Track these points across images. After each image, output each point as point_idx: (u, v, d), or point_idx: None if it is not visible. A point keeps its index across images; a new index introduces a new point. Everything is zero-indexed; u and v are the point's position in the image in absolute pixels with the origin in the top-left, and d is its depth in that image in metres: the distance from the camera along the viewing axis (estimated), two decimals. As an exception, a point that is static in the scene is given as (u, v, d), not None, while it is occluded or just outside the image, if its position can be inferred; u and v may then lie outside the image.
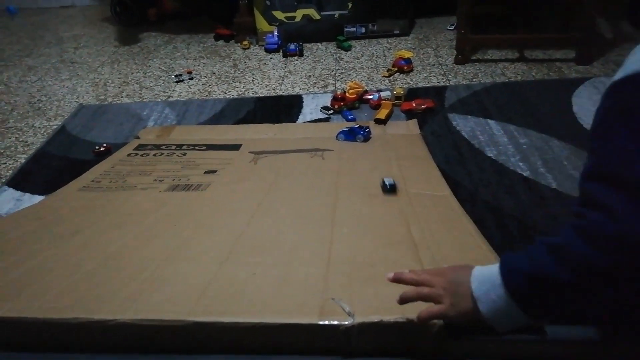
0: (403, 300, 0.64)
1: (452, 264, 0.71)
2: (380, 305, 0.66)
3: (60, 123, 1.67)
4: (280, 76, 1.93)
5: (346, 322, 0.63)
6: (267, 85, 1.86)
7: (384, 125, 1.43)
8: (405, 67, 1.85)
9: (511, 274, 0.58)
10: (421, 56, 2.00)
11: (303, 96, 1.71)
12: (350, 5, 2.18)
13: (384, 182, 1.04)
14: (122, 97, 1.86)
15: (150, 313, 0.67)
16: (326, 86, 1.80)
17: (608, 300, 0.58)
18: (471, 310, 0.60)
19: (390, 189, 1.03)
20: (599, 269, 0.51)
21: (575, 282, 0.53)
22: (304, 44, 2.15)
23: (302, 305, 0.67)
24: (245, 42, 2.25)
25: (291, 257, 0.81)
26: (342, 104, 1.57)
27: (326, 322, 0.64)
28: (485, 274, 0.60)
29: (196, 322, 0.65)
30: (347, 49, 2.13)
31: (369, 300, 0.68)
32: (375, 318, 0.63)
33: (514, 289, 0.57)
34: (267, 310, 0.67)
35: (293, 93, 1.77)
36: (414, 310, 0.63)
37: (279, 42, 2.17)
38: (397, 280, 0.67)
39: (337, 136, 1.34)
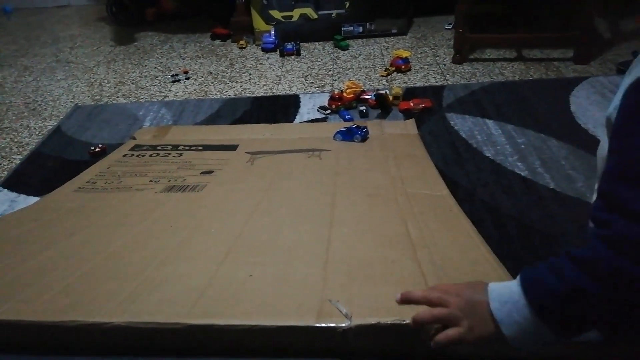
0: (417, 323, 0.60)
1: (455, 267, 0.70)
2: (378, 306, 0.66)
3: (55, 123, 1.66)
4: (277, 76, 1.92)
5: (343, 324, 0.63)
6: (264, 85, 1.85)
7: (379, 121, 1.43)
8: (403, 67, 1.84)
9: (537, 293, 0.54)
10: (419, 55, 2.00)
11: (300, 96, 1.70)
12: (347, 5, 2.17)
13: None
14: (118, 97, 1.85)
15: (148, 315, 0.67)
16: (323, 86, 1.79)
17: None
18: (493, 333, 0.56)
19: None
20: (635, 279, 0.48)
21: (611, 296, 0.50)
22: (301, 44, 2.14)
23: (299, 307, 0.66)
24: (242, 42, 2.24)
25: (289, 257, 0.81)
26: (339, 103, 1.56)
27: (323, 325, 0.63)
28: (504, 293, 0.57)
29: (194, 324, 0.65)
30: (345, 48, 2.13)
31: (367, 301, 0.67)
32: (372, 320, 0.62)
33: (543, 309, 0.53)
34: (265, 312, 0.66)
35: (290, 93, 1.76)
36: (411, 312, 0.63)
37: (276, 41, 2.16)
38: (405, 300, 0.63)
39: (334, 136, 1.34)
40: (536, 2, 2.15)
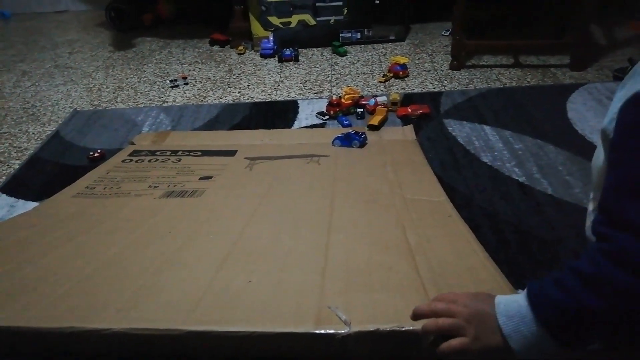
0: (424, 332, 0.61)
1: (453, 273, 0.70)
2: (377, 313, 0.66)
3: (54, 129, 1.66)
4: (275, 81, 1.93)
5: (342, 331, 0.63)
6: (263, 90, 1.86)
7: (377, 131, 1.43)
8: (401, 73, 1.85)
9: (544, 308, 0.55)
10: (416, 62, 2.01)
11: (299, 101, 1.71)
12: (345, 11, 2.19)
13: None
14: (116, 102, 1.85)
15: (146, 322, 0.67)
16: (322, 92, 1.80)
17: None
18: (499, 345, 0.56)
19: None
20: (637, 293, 0.49)
21: (615, 311, 0.51)
22: (299, 50, 2.15)
23: (298, 313, 0.67)
24: (240, 48, 2.25)
25: (287, 264, 0.81)
26: (337, 109, 1.57)
27: (322, 331, 0.63)
28: (512, 307, 0.57)
29: (192, 331, 0.65)
30: (343, 54, 2.14)
31: (365, 308, 0.67)
32: (371, 327, 0.62)
33: (550, 324, 0.54)
34: (263, 318, 0.66)
35: (288, 98, 1.77)
36: (410, 318, 0.63)
37: (275, 47, 2.17)
38: (415, 316, 0.63)
39: (333, 142, 1.34)
40: (532, 9, 2.17)
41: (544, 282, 0.57)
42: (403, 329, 0.62)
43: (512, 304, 0.58)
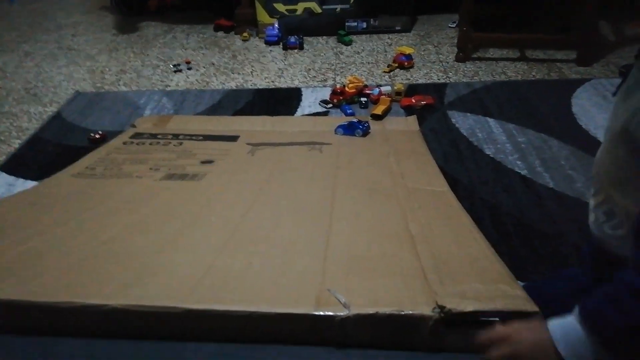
0: None
1: (454, 262, 0.70)
2: (377, 297, 0.66)
3: (55, 109, 1.65)
4: (279, 69, 1.92)
5: (342, 313, 0.62)
6: (266, 77, 1.85)
7: (381, 120, 1.42)
8: (406, 63, 1.84)
9: (603, 330, 0.54)
10: (422, 53, 1.99)
11: (302, 89, 1.70)
12: (352, 0, 2.17)
13: None
14: (119, 85, 1.85)
15: (145, 299, 0.66)
16: (326, 80, 1.79)
17: None
18: None
19: None
20: None
21: None
22: (304, 37, 2.13)
23: (298, 296, 0.66)
24: (245, 34, 2.23)
25: (288, 249, 0.80)
26: (341, 98, 1.56)
27: (322, 313, 0.63)
28: (569, 332, 0.56)
29: (191, 309, 0.64)
30: (348, 43, 2.12)
31: (365, 293, 0.67)
32: (371, 310, 0.62)
33: (610, 345, 0.54)
34: (263, 299, 0.66)
35: (292, 86, 1.76)
36: (409, 304, 0.63)
37: (280, 34, 2.15)
38: None
39: (335, 130, 1.33)
40: (540, 4, 2.15)
41: (598, 302, 0.55)
42: (402, 313, 0.62)
43: (567, 328, 0.57)
